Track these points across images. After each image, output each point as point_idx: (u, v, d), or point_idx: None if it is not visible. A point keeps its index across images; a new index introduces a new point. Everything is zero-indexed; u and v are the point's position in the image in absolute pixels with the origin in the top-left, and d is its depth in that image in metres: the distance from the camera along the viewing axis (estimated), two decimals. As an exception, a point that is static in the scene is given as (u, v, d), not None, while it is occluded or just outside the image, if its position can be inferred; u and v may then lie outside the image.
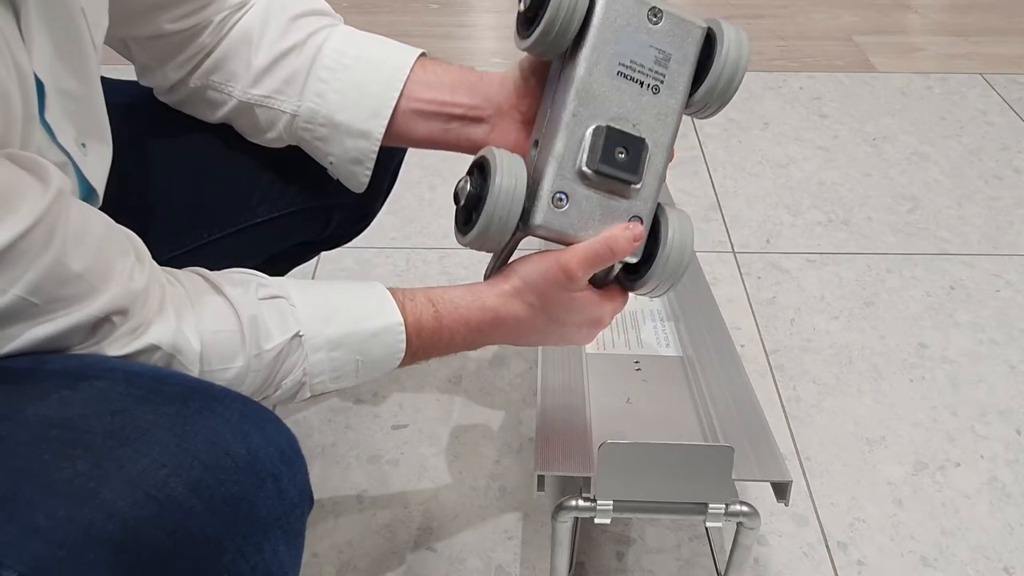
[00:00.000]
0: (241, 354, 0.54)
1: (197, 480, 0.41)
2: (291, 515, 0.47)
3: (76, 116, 0.54)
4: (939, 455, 1.00)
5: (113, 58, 0.66)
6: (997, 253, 1.33)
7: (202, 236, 0.76)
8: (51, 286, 0.44)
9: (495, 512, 0.92)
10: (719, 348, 0.85)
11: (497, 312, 0.63)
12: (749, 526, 0.69)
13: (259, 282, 0.57)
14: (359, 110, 0.70)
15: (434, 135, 0.72)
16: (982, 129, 1.66)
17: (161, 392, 0.45)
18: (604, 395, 0.79)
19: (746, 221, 1.40)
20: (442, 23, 2.09)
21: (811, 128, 1.66)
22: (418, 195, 1.40)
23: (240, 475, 0.43)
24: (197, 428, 0.43)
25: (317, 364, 0.58)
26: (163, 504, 0.40)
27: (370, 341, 0.60)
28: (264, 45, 0.69)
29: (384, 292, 0.62)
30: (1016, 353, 1.14)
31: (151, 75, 0.72)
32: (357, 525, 0.91)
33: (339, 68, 0.70)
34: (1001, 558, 0.88)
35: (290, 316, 0.57)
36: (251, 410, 0.47)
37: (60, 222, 0.44)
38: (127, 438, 0.42)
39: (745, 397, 0.79)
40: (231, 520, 0.43)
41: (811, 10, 2.20)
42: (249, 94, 0.70)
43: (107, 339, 0.48)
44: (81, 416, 0.43)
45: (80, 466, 0.40)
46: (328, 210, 0.82)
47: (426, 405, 1.05)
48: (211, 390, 0.47)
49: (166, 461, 0.41)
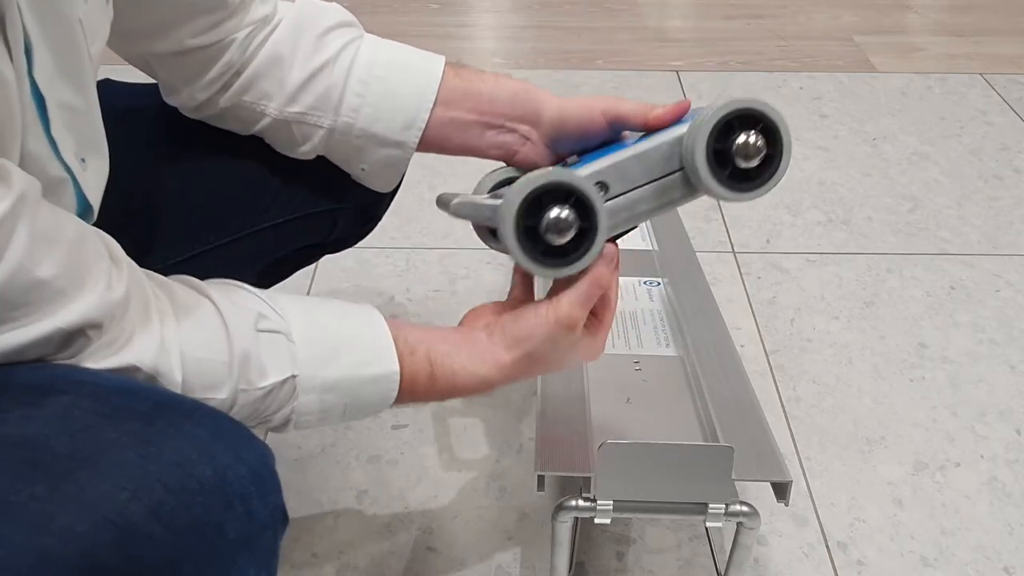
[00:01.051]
0: (226, 385, 0.51)
1: (159, 503, 0.40)
2: (262, 536, 0.45)
3: (76, 130, 0.53)
4: (939, 455, 1.00)
5: (115, 58, 0.66)
6: (997, 253, 1.33)
7: (209, 241, 0.75)
8: (13, 293, 0.42)
9: (495, 512, 0.92)
10: (719, 348, 0.85)
11: (493, 384, 0.62)
12: (749, 526, 0.69)
13: (260, 311, 0.54)
14: (394, 121, 0.70)
15: (469, 143, 0.72)
16: (982, 129, 1.66)
17: (128, 408, 0.44)
18: (604, 395, 0.79)
19: (746, 221, 1.40)
20: (442, 23, 2.09)
21: (811, 128, 1.66)
22: (418, 195, 1.40)
23: (206, 497, 0.42)
24: (161, 448, 0.42)
25: (306, 404, 0.56)
26: (122, 529, 0.39)
27: (364, 387, 0.58)
28: (297, 63, 0.69)
29: (386, 336, 0.59)
30: (1016, 353, 1.14)
31: (176, 95, 0.71)
32: (357, 525, 0.91)
33: (372, 81, 0.70)
34: (1001, 558, 0.88)
35: (286, 356, 0.54)
36: (222, 426, 0.45)
37: (21, 225, 0.42)
38: (88, 459, 0.40)
39: (745, 397, 0.79)
40: (195, 544, 0.41)
41: (811, 10, 2.20)
42: (285, 112, 0.70)
43: (83, 352, 0.46)
44: (42, 435, 0.41)
45: (38, 490, 0.39)
46: (334, 214, 0.81)
47: (426, 405, 1.05)
48: (181, 406, 0.46)
49: (127, 484, 0.40)
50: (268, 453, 0.47)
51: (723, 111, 0.57)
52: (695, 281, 0.96)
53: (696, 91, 1.79)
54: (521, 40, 2.03)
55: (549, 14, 2.14)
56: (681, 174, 0.60)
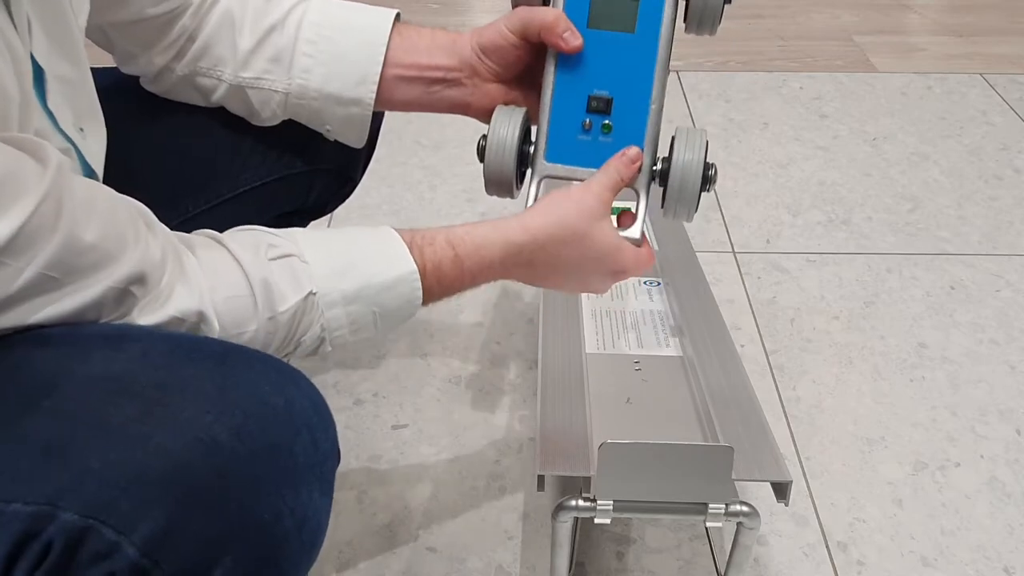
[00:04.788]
0: (254, 319, 0.54)
1: (239, 426, 0.43)
2: (324, 465, 0.48)
3: (73, 100, 0.55)
4: (939, 455, 1.00)
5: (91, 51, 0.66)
6: (997, 253, 1.33)
7: (188, 209, 0.77)
8: (69, 258, 0.45)
9: (495, 512, 0.92)
10: (719, 348, 0.85)
11: (522, 248, 0.63)
12: (749, 526, 0.69)
13: (269, 241, 0.57)
14: (346, 80, 0.72)
15: (418, 98, 0.74)
16: (982, 129, 1.66)
17: (199, 350, 0.47)
18: (604, 395, 0.79)
19: (746, 221, 1.40)
20: (442, 23, 2.09)
21: (811, 128, 1.66)
22: (418, 195, 1.40)
23: (279, 423, 0.46)
24: (237, 381, 0.45)
25: (334, 319, 0.58)
26: (210, 446, 0.42)
27: (386, 292, 0.59)
28: (247, 26, 0.71)
29: (397, 241, 0.61)
30: (1016, 353, 1.14)
31: (134, 62, 0.73)
32: (357, 525, 0.91)
33: (321, 40, 0.71)
34: (1001, 558, 0.88)
35: (303, 274, 0.56)
36: (284, 368, 0.49)
37: (66, 196, 0.45)
38: (173, 388, 0.44)
39: (745, 397, 0.79)
40: (271, 464, 0.45)
41: (811, 10, 2.20)
42: (240, 77, 0.72)
43: (133, 310, 0.49)
44: (127, 371, 0.45)
45: (130, 411, 0.42)
46: (310, 176, 0.83)
47: (426, 405, 1.05)
48: (245, 351, 0.49)
49: (210, 408, 0.43)
50: (323, 397, 0.50)
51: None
52: (695, 281, 0.96)
53: (696, 91, 1.79)
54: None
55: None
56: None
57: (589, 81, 0.67)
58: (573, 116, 0.67)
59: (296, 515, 0.45)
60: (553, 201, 0.64)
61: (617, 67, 0.66)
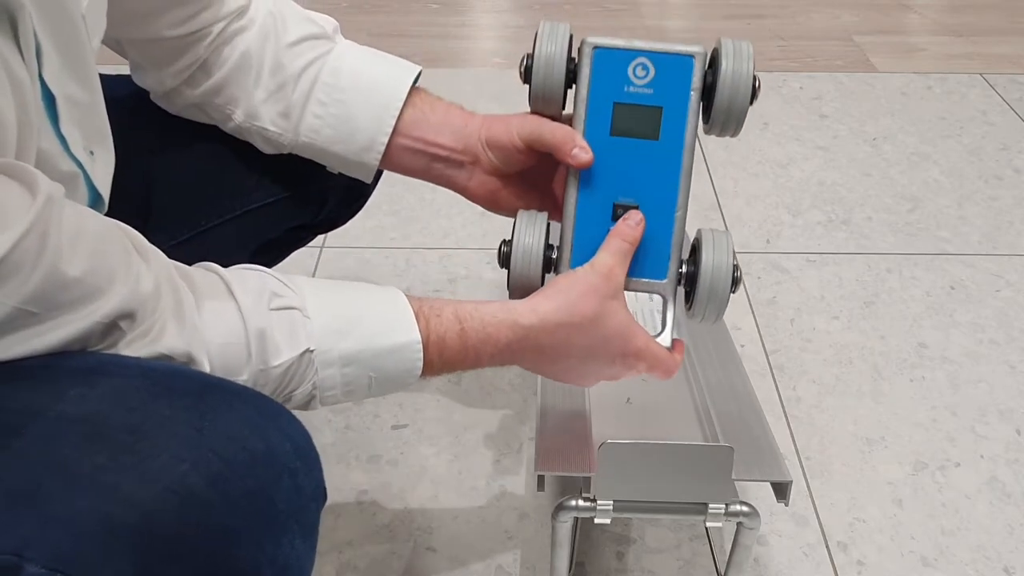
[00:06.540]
0: (246, 368, 0.52)
1: (215, 474, 0.42)
2: (307, 509, 0.47)
3: (83, 124, 0.54)
4: (939, 455, 1.00)
5: (103, 57, 0.66)
6: (997, 253, 1.33)
7: (200, 224, 0.77)
8: (51, 293, 0.43)
9: (495, 512, 0.92)
10: (719, 348, 0.85)
11: (529, 332, 0.61)
12: (749, 526, 0.69)
13: (273, 289, 0.55)
14: (352, 144, 0.73)
15: (420, 170, 0.75)
16: (982, 129, 1.66)
17: (177, 388, 0.46)
18: (604, 395, 0.79)
19: (746, 221, 1.40)
20: (442, 23, 2.09)
21: (811, 128, 1.66)
22: (419, 195, 1.41)
23: (258, 469, 0.44)
24: (215, 423, 0.44)
25: (328, 379, 0.56)
26: (183, 498, 0.41)
27: (385, 358, 0.57)
28: (264, 77, 0.71)
29: (405, 305, 0.59)
30: (1016, 353, 1.14)
31: (144, 75, 0.73)
32: (357, 525, 0.91)
33: (332, 104, 0.71)
34: (1001, 558, 0.88)
35: (301, 330, 0.54)
36: (266, 406, 0.47)
37: (52, 229, 0.43)
38: (145, 432, 0.42)
39: (745, 397, 0.79)
40: (249, 513, 0.43)
41: (811, 10, 2.20)
42: (250, 122, 0.73)
43: (119, 343, 0.47)
44: (98, 412, 0.43)
45: (100, 459, 0.41)
46: (322, 193, 0.83)
47: (426, 405, 1.05)
48: (226, 385, 0.47)
49: (184, 455, 0.42)
50: (308, 433, 0.48)
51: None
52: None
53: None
54: (521, 40, 2.02)
55: (549, 14, 2.14)
56: None
57: (614, 189, 0.65)
58: (598, 223, 0.66)
59: (276, 565, 0.44)
60: (563, 284, 0.63)
61: (641, 174, 0.65)
